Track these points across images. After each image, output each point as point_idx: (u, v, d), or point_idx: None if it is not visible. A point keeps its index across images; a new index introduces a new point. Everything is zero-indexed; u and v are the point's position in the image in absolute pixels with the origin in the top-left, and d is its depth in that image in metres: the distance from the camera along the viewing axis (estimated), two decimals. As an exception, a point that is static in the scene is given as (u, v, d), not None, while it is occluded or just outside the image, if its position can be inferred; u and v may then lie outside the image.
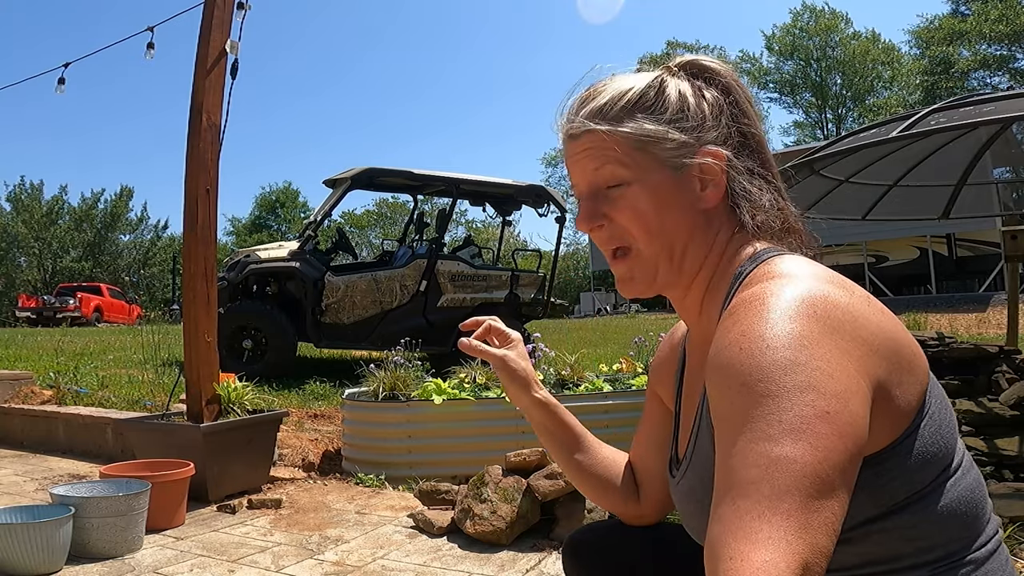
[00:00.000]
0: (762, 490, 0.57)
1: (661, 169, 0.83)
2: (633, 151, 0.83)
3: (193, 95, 3.90)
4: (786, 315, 0.67)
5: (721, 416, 0.66)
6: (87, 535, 2.72)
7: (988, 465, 3.22)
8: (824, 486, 0.58)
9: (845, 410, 0.61)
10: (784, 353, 0.64)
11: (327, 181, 8.89)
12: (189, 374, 3.82)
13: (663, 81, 0.85)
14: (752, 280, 0.78)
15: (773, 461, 0.58)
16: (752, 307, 0.70)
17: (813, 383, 0.62)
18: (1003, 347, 4.19)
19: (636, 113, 0.84)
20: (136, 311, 23.98)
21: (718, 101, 0.85)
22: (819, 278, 0.73)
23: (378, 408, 4.14)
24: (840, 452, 0.60)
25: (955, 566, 0.73)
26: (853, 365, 0.65)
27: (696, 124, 0.83)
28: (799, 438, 0.59)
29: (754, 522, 0.56)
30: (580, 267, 37.76)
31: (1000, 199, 6.63)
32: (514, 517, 2.82)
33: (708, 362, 0.71)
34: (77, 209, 37.52)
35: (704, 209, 0.84)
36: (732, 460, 0.61)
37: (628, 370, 4.77)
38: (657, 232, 0.84)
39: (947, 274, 22.32)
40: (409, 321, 7.70)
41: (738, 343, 0.67)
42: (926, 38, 34.60)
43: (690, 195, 0.84)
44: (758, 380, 0.63)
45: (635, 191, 0.84)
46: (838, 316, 0.68)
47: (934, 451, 0.73)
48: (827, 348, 0.65)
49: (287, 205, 46.89)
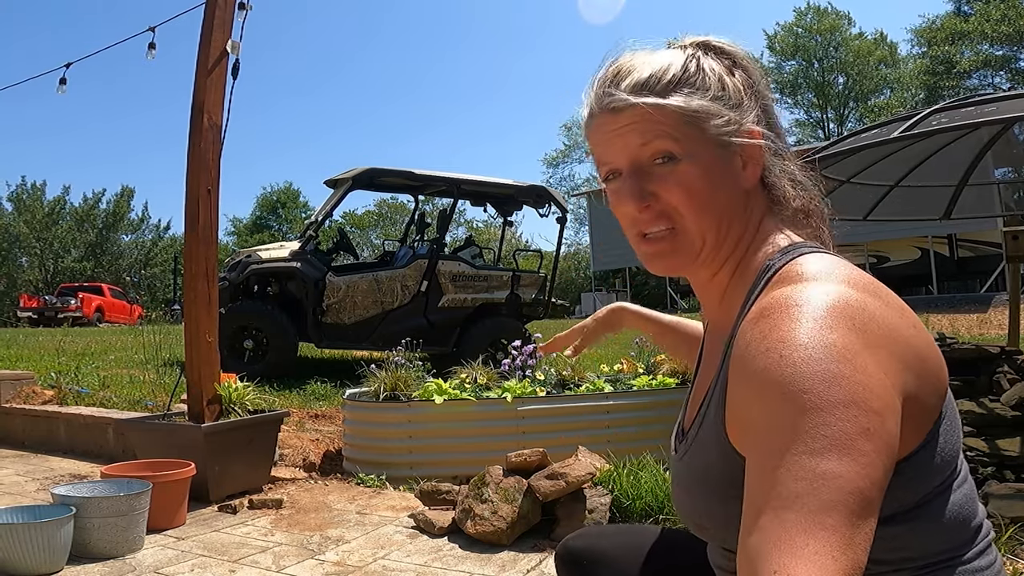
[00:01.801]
0: (808, 504, 0.57)
1: (708, 146, 0.81)
2: (683, 126, 0.81)
3: (194, 95, 3.90)
4: (826, 324, 0.66)
5: (759, 423, 0.65)
6: (88, 535, 2.73)
7: (989, 466, 3.21)
8: (866, 503, 0.58)
9: (883, 427, 0.61)
10: (827, 365, 0.63)
11: (328, 181, 8.90)
12: (190, 374, 3.82)
13: (699, 59, 0.84)
14: (784, 278, 0.76)
15: (819, 476, 0.58)
16: (788, 312, 0.68)
17: (855, 398, 0.61)
18: (1004, 347, 4.19)
19: (683, 88, 0.81)
20: (137, 311, 23.99)
21: (745, 81, 0.85)
22: (853, 284, 0.72)
23: (379, 408, 4.14)
24: (879, 469, 0.60)
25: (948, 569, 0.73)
26: (889, 380, 0.65)
27: (737, 103, 0.83)
28: (844, 454, 0.59)
29: (799, 536, 0.55)
30: (581, 267, 37.74)
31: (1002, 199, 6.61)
32: (515, 517, 2.82)
33: (740, 362, 0.70)
34: (79, 209, 37.57)
35: (745, 188, 0.84)
36: (775, 472, 0.60)
37: (629, 370, 4.77)
38: (709, 209, 0.82)
39: (948, 274, 22.29)
40: (410, 321, 7.71)
41: (777, 350, 0.65)
42: (928, 38, 34.54)
43: (734, 173, 0.83)
44: (801, 391, 0.62)
45: (685, 167, 0.81)
46: (875, 329, 0.68)
47: (946, 459, 0.74)
48: (867, 362, 0.64)
49: (288, 205, 46.89)
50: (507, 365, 4.61)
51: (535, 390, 4.19)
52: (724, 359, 0.80)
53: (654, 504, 2.87)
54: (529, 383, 4.31)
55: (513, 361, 4.61)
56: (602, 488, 2.98)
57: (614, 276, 30.29)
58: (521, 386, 4.20)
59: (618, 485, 2.98)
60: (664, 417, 3.95)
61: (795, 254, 0.80)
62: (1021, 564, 2.28)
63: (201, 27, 3.94)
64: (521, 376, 4.48)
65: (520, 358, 4.61)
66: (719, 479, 0.78)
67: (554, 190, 9.43)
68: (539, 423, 3.98)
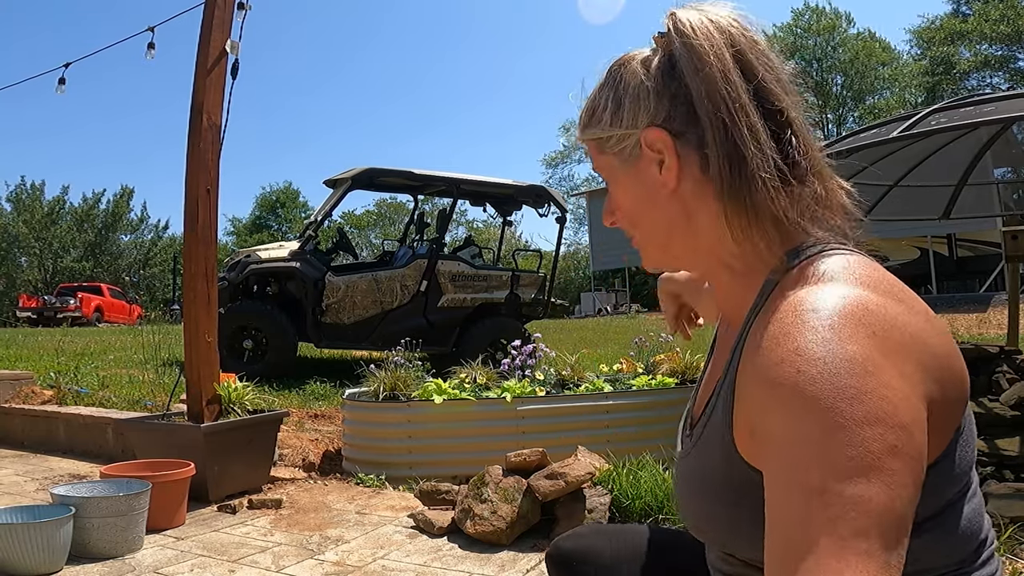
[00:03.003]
0: (840, 530, 0.55)
1: (621, 165, 0.85)
2: (598, 155, 0.88)
3: (193, 95, 3.90)
4: (844, 334, 0.63)
5: (779, 441, 0.62)
6: (87, 535, 2.72)
7: (989, 465, 3.22)
8: (899, 524, 0.57)
9: (911, 443, 0.59)
10: (847, 380, 0.60)
11: (327, 181, 8.90)
12: (189, 374, 3.82)
13: (615, 75, 0.84)
14: (799, 279, 0.73)
15: (849, 501, 0.56)
16: (804, 319, 0.65)
17: (880, 415, 0.59)
18: (1004, 347, 4.19)
19: (591, 119, 0.87)
20: (137, 311, 23.97)
21: (658, 79, 0.80)
22: (873, 286, 0.69)
23: (378, 408, 4.14)
24: (910, 487, 0.58)
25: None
26: (914, 391, 0.63)
27: (633, 111, 0.81)
28: (873, 476, 0.57)
29: (834, 563, 0.54)
30: (581, 267, 37.75)
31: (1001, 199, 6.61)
32: (514, 517, 2.82)
33: (752, 369, 0.68)
34: (78, 209, 37.54)
35: (673, 192, 0.81)
36: (802, 496, 0.58)
37: (628, 370, 4.77)
38: (637, 223, 0.87)
39: (948, 274, 22.31)
40: (410, 321, 7.71)
41: (794, 363, 0.63)
42: (927, 38, 34.56)
43: (652, 182, 0.82)
44: (823, 410, 0.59)
45: (613, 189, 0.88)
46: (896, 337, 0.64)
47: (963, 470, 0.72)
48: (890, 375, 0.61)
49: (287, 205, 46.89)
50: (506, 365, 4.61)
51: (535, 390, 4.19)
52: (733, 357, 0.78)
53: (653, 504, 2.88)
54: (529, 383, 4.31)
55: (512, 361, 4.61)
56: (601, 488, 2.98)
57: (613, 276, 30.30)
58: (521, 386, 4.20)
59: (617, 485, 2.99)
60: (664, 417, 3.95)
61: (813, 251, 0.76)
62: (1021, 564, 2.28)
63: (200, 27, 3.94)
64: (521, 376, 4.48)
65: (520, 358, 4.61)
66: (722, 483, 0.76)
67: (553, 190, 9.43)
68: (539, 423, 3.98)
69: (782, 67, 0.81)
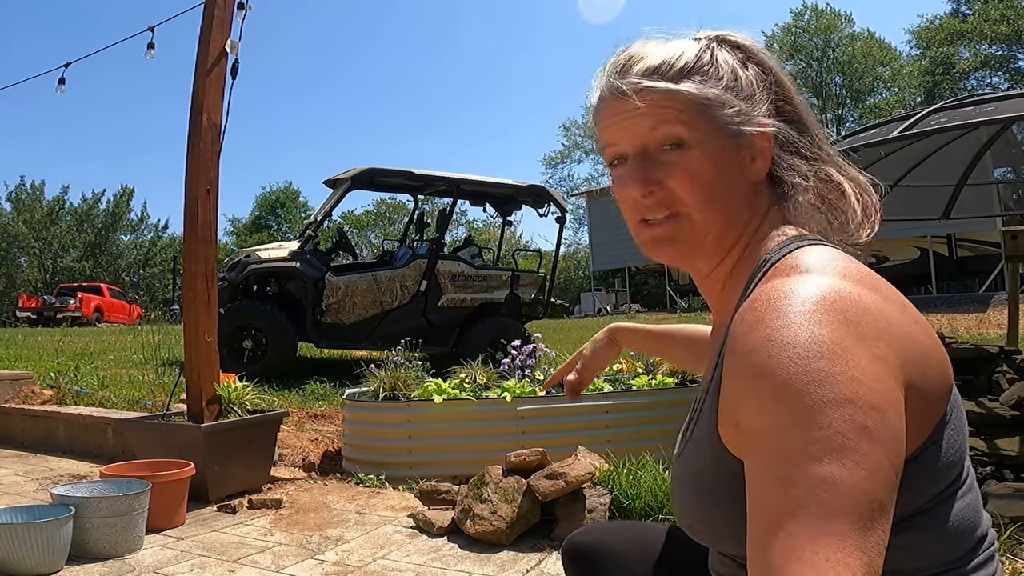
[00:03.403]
0: (812, 512, 0.55)
1: (719, 135, 0.79)
2: (694, 113, 0.79)
3: (193, 95, 3.90)
4: (815, 319, 0.63)
5: (754, 428, 0.63)
6: (87, 535, 2.72)
7: (988, 465, 3.21)
8: (874, 504, 0.56)
9: (884, 423, 0.59)
10: (817, 364, 0.60)
11: (327, 181, 8.90)
12: (189, 374, 3.82)
13: (713, 49, 0.83)
14: (776, 271, 0.74)
15: (819, 482, 0.56)
16: (777, 307, 0.66)
17: (850, 396, 0.59)
18: (1003, 347, 4.19)
19: (695, 75, 0.80)
20: (136, 311, 23.98)
21: (759, 75, 0.84)
22: (848, 276, 0.69)
23: (378, 408, 4.14)
24: (885, 468, 0.57)
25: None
26: (889, 375, 0.63)
27: (748, 94, 0.81)
28: (843, 456, 0.56)
29: (807, 545, 0.54)
30: (580, 267, 37.74)
31: (1000, 199, 6.62)
32: (514, 517, 2.82)
33: (731, 360, 0.68)
34: (78, 209, 37.53)
35: (752, 182, 0.82)
36: (775, 481, 0.58)
37: (628, 370, 4.77)
38: (715, 199, 0.80)
39: (947, 274, 22.30)
40: (409, 321, 7.71)
41: (765, 349, 0.63)
42: (927, 38, 34.56)
43: (743, 165, 0.81)
44: (793, 393, 0.60)
45: (695, 155, 0.79)
46: (869, 322, 0.65)
47: (949, 463, 0.71)
48: (860, 356, 0.61)
49: (287, 205, 46.88)
50: (506, 365, 4.61)
51: (534, 390, 4.19)
52: (719, 355, 0.78)
53: (653, 504, 2.88)
54: (528, 383, 4.31)
55: (512, 361, 4.61)
56: (601, 488, 2.98)
57: (613, 276, 30.29)
58: (520, 386, 4.20)
59: (617, 485, 2.99)
60: (663, 417, 3.95)
61: (793, 246, 0.77)
62: (1021, 564, 2.28)
63: (200, 27, 3.94)
64: (520, 376, 4.48)
65: (519, 358, 4.61)
66: (712, 481, 0.76)
67: (553, 190, 9.43)
68: (538, 423, 3.98)
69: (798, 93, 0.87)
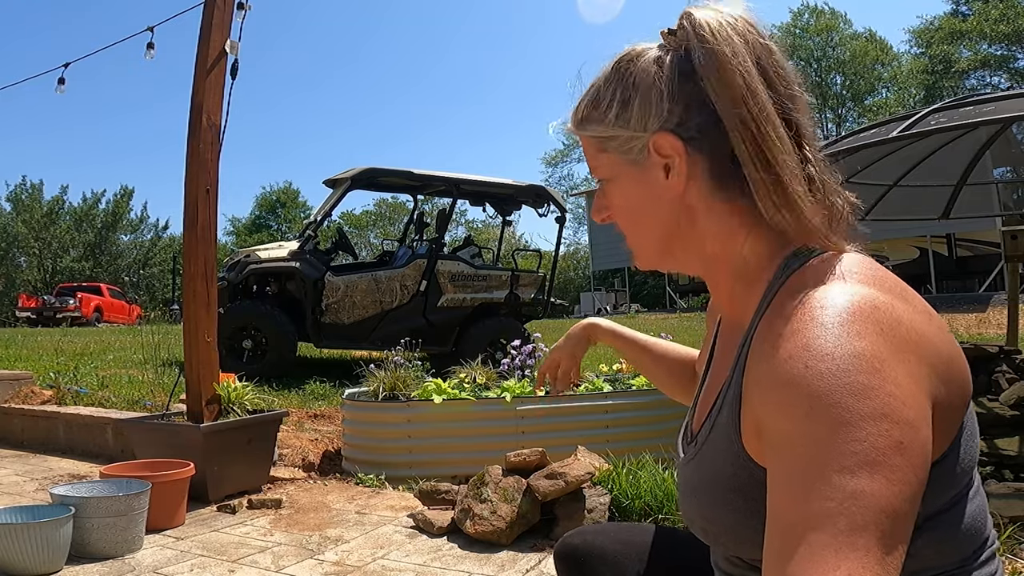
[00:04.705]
0: (839, 524, 0.55)
1: (622, 165, 0.83)
2: (598, 153, 0.85)
3: (193, 95, 3.90)
4: (852, 330, 0.63)
5: (784, 437, 0.62)
6: (87, 535, 2.72)
7: (988, 465, 3.21)
8: (900, 521, 0.56)
9: (917, 439, 0.59)
10: (856, 377, 0.60)
11: (327, 181, 8.90)
12: (189, 374, 3.82)
13: (623, 71, 0.81)
14: (805, 279, 0.72)
15: (850, 495, 0.56)
16: (811, 314, 0.65)
17: (886, 411, 0.59)
18: (1003, 347, 4.19)
19: (592, 114, 0.84)
20: (136, 311, 23.99)
21: (669, 79, 0.78)
22: (881, 285, 0.69)
23: (378, 408, 4.14)
24: (914, 484, 0.58)
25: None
26: (920, 389, 0.62)
27: (643, 113, 0.79)
28: (875, 471, 0.56)
29: (831, 558, 0.54)
30: (580, 267, 37.77)
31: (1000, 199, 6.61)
32: (514, 517, 2.82)
33: (758, 367, 0.67)
34: (78, 209, 37.52)
35: (679, 197, 0.80)
36: (804, 491, 0.58)
37: (628, 370, 4.77)
38: (638, 223, 0.85)
39: (947, 274, 22.32)
40: (409, 321, 7.71)
41: (802, 359, 0.62)
42: (926, 38, 34.57)
43: (657, 186, 0.81)
44: (829, 405, 0.59)
45: (612, 187, 0.86)
46: (903, 334, 0.64)
47: (965, 468, 0.71)
48: (897, 371, 0.61)
49: (287, 205, 46.89)
50: (506, 365, 4.61)
51: (534, 390, 4.19)
52: (738, 360, 0.77)
53: (653, 504, 2.88)
54: (528, 383, 4.31)
55: (512, 361, 4.61)
56: (601, 488, 2.98)
57: (613, 276, 30.30)
58: (520, 386, 4.20)
59: (617, 485, 2.99)
60: (663, 417, 3.95)
61: (816, 252, 0.76)
62: (1020, 564, 2.28)
63: (200, 27, 3.94)
64: (520, 376, 4.48)
65: (519, 358, 4.61)
66: (729, 486, 0.76)
67: (553, 190, 9.43)
68: (538, 423, 3.98)
69: (792, 73, 0.80)
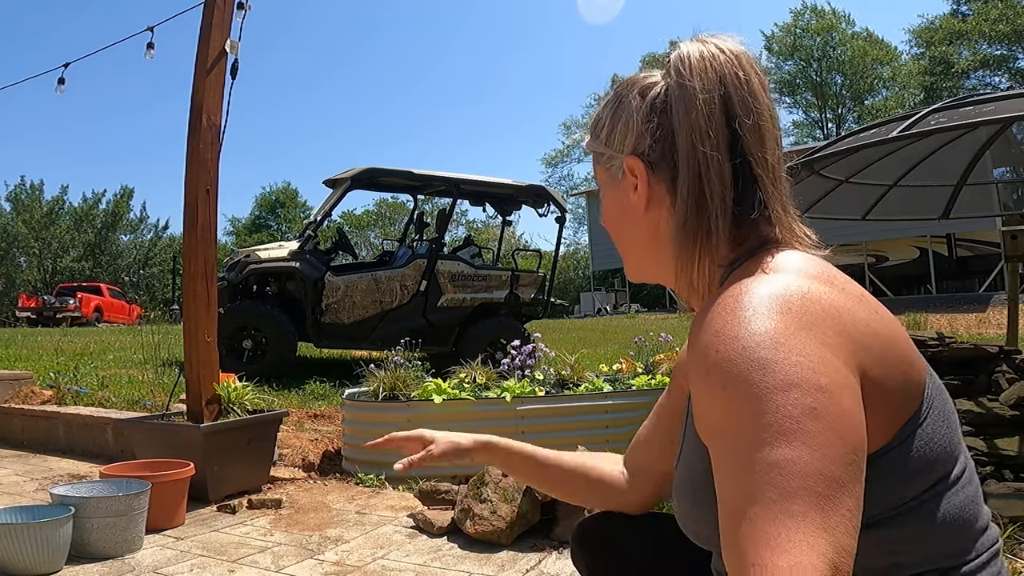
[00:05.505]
0: (768, 495, 0.56)
1: (609, 180, 0.92)
2: (596, 165, 0.94)
3: (193, 95, 3.90)
4: (759, 313, 0.65)
5: (709, 425, 0.65)
6: (87, 535, 2.72)
7: (988, 465, 3.21)
8: (832, 483, 0.56)
9: (832, 403, 0.60)
10: (760, 352, 0.62)
11: (327, 181, 8.90)
12: (189, 374, 3.82)
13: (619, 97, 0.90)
14: (735, 278, 0.76)
15: (771, 465, 0.57)
16: (726, 306, 0.68)
17: (794, 380, 0.60)
18: (1003, 347, 4.19)
19: (593, 131, 0.94)
20: (136, 311, 23.99)
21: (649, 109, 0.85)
22: (803, 273, 0.72)
23: (378, 408, 4.14)
24: (838, 447, 0.58)
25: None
26: (836, 357, 0.64)
27: (622, 135, 0.88)
28: (792, 438, 0.58)
29: (769, 527, 0.55)
30: (580, 267, 37.76)
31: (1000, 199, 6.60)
32: (514, 517, 2.82)
33: (689, 360, 0.71)
34: (77, 209, 37.51)
35: (644, 214, 0.87)
36: (732, 469, 0.60)
37: (628, 370, 4.77)
38: (617, 235, 0.94)
39: (947, 274, 22.32)
40: (409, 321, 7.71)
41: (713, 345, 0.66)
42: (926, 38, 34.58)
43: (628, 202, 0.89)
44: (739, 383, 0.62)
45: (603, 199, 0.95)
46: (816, 311, 0.66)
47: (931, 459, 0.71)
48: (804, 342, 0.63)
49: (287, 205, 46.90)
50: (506, 365, 4.60)
51: (534, 390, 4.19)
52: None
53: (653, 504, 2.87)
54: (528, 383, 4.31)
55: (512, 361, 4.61)
56: (601, 488, 2.98)
57: (613, 276, 30.30)
58: (520, 386, 4.20)
59: (617, 485, 2.98)
60: (663, 417, 3.95)
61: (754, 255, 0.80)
62: (1021, 564, 2.28)
63: (200, 27, 3.93)
64: (520, 376, 4.48)
65: (519, 358, 4.61)
66: (703, 483, 0.76)
67: (553, 190, 9.43)
68: (538, 423, 3.98)
69: (769, 108, 0.82)
